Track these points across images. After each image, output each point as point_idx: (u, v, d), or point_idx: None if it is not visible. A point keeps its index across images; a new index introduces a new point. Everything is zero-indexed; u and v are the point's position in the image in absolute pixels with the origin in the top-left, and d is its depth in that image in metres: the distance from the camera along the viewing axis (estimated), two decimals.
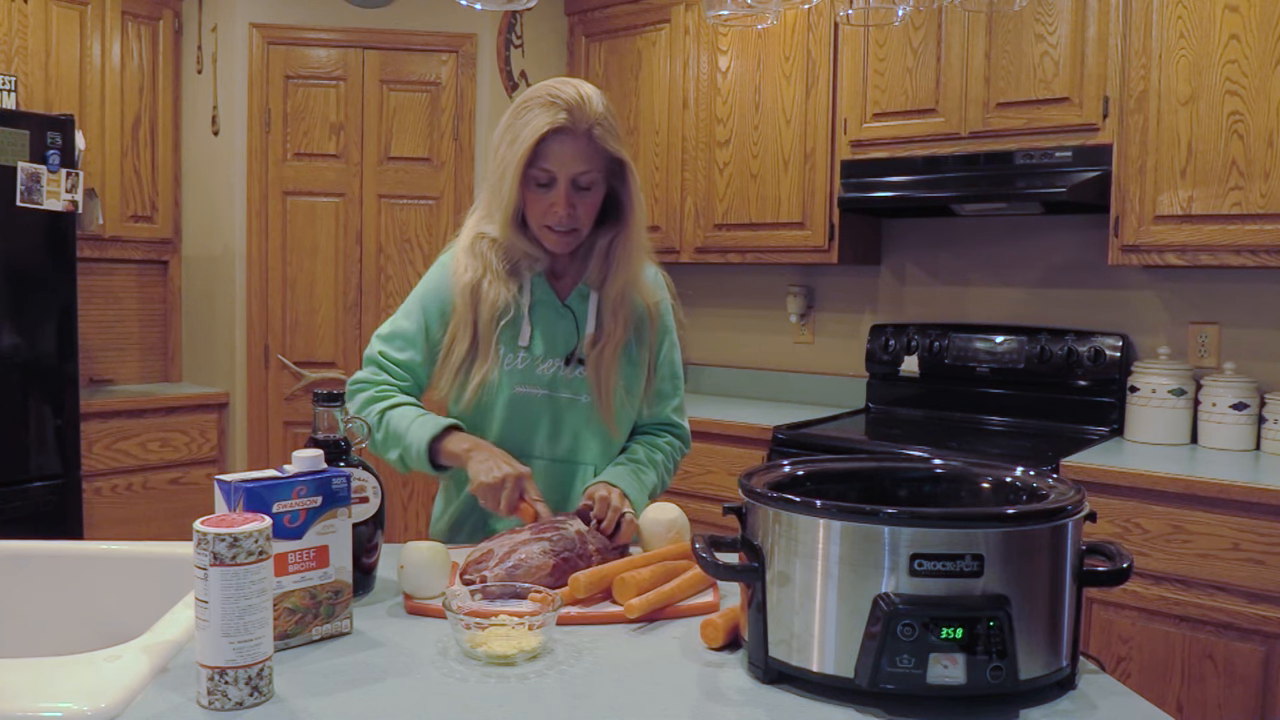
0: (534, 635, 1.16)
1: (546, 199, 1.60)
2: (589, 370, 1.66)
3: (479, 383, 1.64)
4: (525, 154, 1.56)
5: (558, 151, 1.57)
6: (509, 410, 1.66)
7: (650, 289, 1.73)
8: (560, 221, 1.60)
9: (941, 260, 3.41)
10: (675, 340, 1.80)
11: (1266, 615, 2.27)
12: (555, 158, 1.57)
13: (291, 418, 3.81)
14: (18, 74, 3.39)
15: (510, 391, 1.66)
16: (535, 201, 1.61)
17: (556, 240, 1.63)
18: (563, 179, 1.58)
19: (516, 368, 1.66)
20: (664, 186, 3.68)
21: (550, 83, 1.61)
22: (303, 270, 3.79)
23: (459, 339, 1.65)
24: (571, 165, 1.58)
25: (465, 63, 3.81)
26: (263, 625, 1.02)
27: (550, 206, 1.60)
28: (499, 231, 1.65)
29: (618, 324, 1.67)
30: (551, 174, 1.58)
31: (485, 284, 1.65)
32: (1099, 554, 1.13)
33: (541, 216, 1.62)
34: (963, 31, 2.95)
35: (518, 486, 1.53)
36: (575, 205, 1.60)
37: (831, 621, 1.04)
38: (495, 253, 1.66)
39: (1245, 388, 2.71)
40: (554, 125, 1.55)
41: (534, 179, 1.59)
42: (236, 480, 1.14)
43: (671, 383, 1.80)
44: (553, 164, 1.58)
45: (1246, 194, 2.53)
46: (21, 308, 3.12)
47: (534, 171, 1.58)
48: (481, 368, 1.64)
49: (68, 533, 3.21)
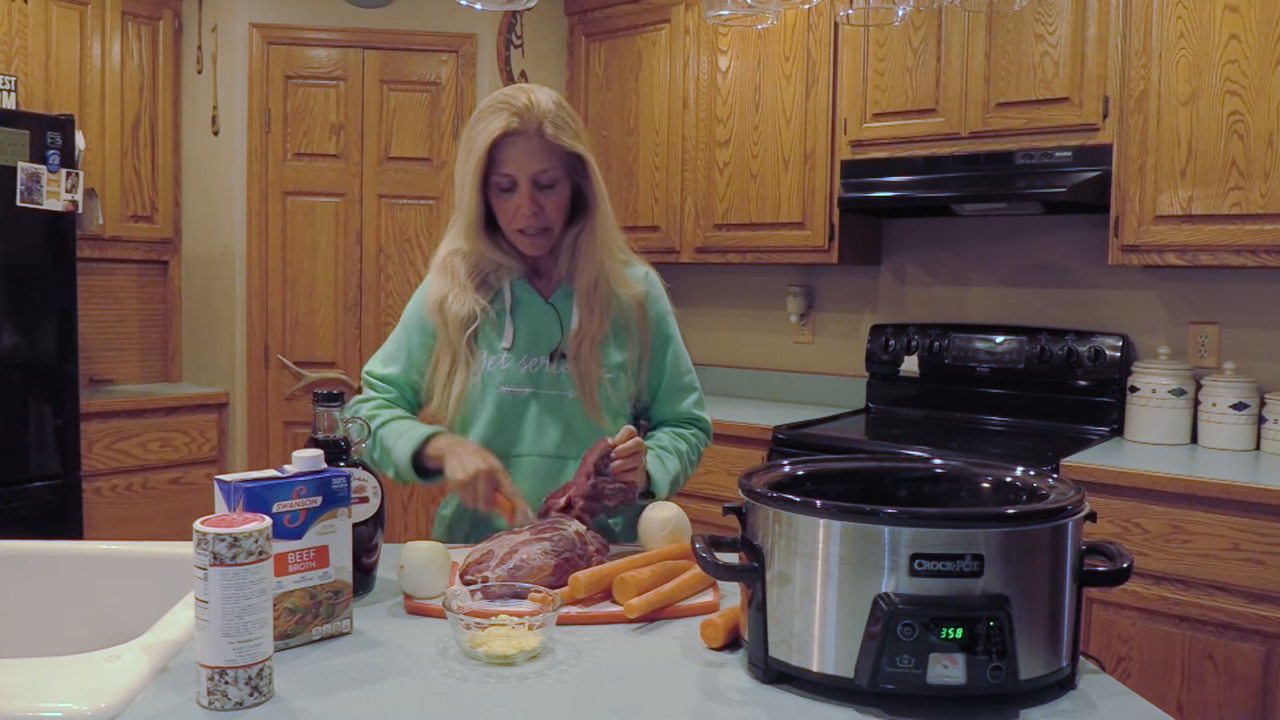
0: (534, 635, 1.16)
1: (511, 203, 1.62)
2: (570, 364, 1.68)
3: (459, 392, 1.68)
4: (480, 161, 1.59)
5: (513, 154, 1.59)
6: (495, 411, 1.68)
7: (628, 280, 1.74)
8: (528, 223, 1.62)
9: (941, 260, 3.41)
10: (677, 336, 1.81)
11: (1266, 615, 2.27)
12: (512, 161, 1.60)
13: (291, 418, 3.81)
14: (18, 74, 3.39)
15: (495, 392, 1.68)
16: (502, 208, 1.64)
17: (529, 243, 1.66)
18: (523, 181, 1.61)
19: (500, 368, 1.68)
20: (664, 186, 3.68)
21: (503, 90, 1.65)
22: (303, 270, 3.79)
23: (441, 355, 1.70)
24: (528, 165, 1.60)
25: (465, 63, 3.81)
26: (263, 625, 1.02)
27: (516, 210, 1.62)
28: (465, 242, 1.68)
29: (593, 317, 1.68)
30: (511, 177, 1.61)
31: (450, 298, 1.68)
32: (1099, 554, 1.13)
33: (510, 221, 1.64)
34: (963, 31, 2.95)
35: (490, 481, 1.55)
36: (541, 205, 1.62)
37: (831, 621, 1.04)
38: (464, 265, 1.69)
39: (1245, 388, 2.71)
40: (505, 129, 1.58)
41: (496, 185, 1.62)
42: (236, 480, 1.14)
43: (688, 377, 1.82)
44: (510, 168, 1.60)
45: (1246, 194, 2.53)
46: (21, 308, 3.12)
47: (495, 178, 1.61)
48: (461, 378, 1.68)
49: (68, 533, 3.21)
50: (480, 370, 1.68)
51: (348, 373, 3.82)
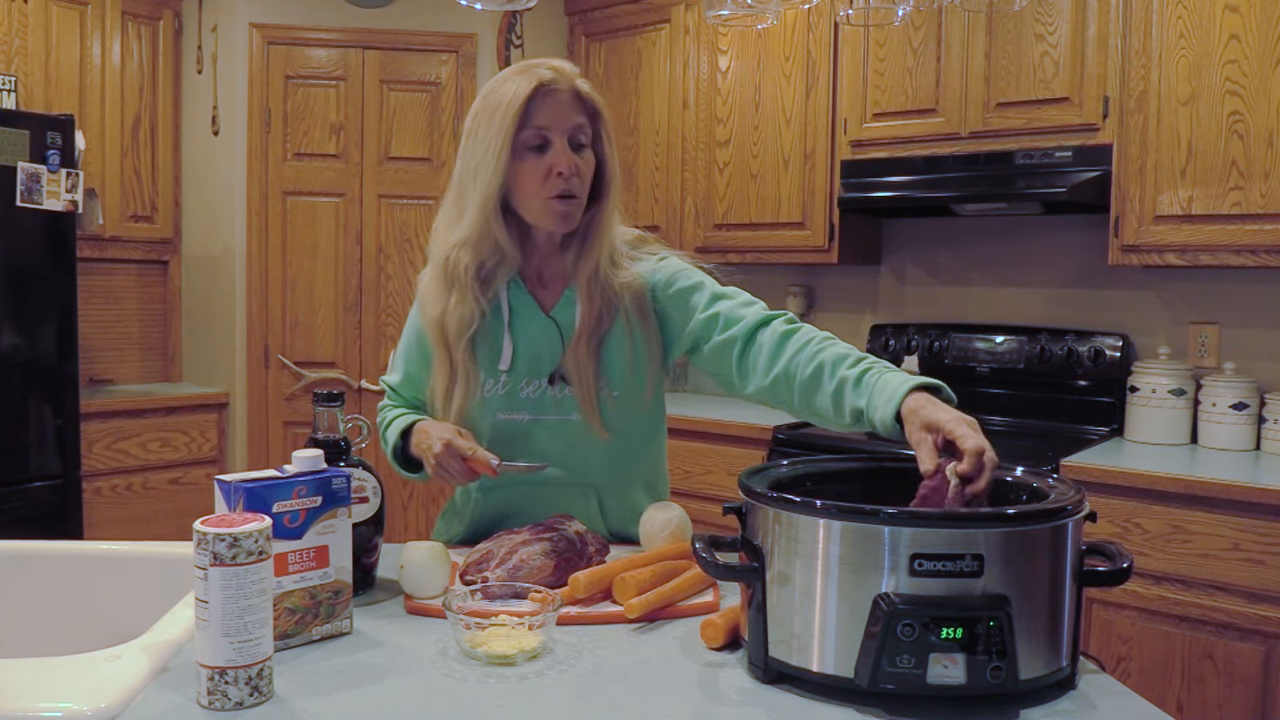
0: (534, 635, 1.16)
1: (544, 163, 1.48)
2: (569, 365, 1.54)
3: (457, 408, 1.56)
4: (515, 117, 1.45)
5: (548, 108, 1.47)
6: (494, 441, 1.57)
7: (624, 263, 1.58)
8: (564, 184, 1.47)
9: (941, 260, 3.41)
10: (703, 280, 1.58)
11: (1266, 615, 2.27)
12: (547, 114, 1.47)
13: (291, 418, 3.82)
14: (18, 74, 3.39)
15: (493, 420, 1.57)
16: (530, 173, 1.48)
17: (563, 210, 1.49)
18: (558, 137, 1.48)
19: (498, 394, 1.57)
20: (664, 186, 3.68)
21: (516, 64, 1.56)
22: (303, 270, 3.79)
23: (439, 371, 1.59)
24: (565, 119, 1.48)
25: (465, 63, 3.81)
26: (263, 625, 1.02)
27: (550, 171, 1.48)
28: (476, 223, 1.51)
29: (592, 311, 1.53)
30: (544, 135, 1.47)
31: (451, 304, 1.54)
32: (1099, 554, 1.13)
33: (539, 188, 1.49)
34: (963, 31, 2.95)
35: (454, 456, 1.47)
36: (577, 166, 1.49)
37: (831, 621, 1.04)
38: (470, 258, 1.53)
39: (1245, 388, 2.71)
40: (540, 82, 1.46)
41: (524, 144, 1.48)
42: (236, 480, 1.14)
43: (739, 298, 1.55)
44: (544, 121, 1.47)
45: (1246, 194, 2.53)
46: (21, 308, 3.12)
47: (524, 136, 1.47)
48: (461, 394, 1.56)
49: (68, 533, 3.21)
50: (479, 393, 1.57)
51: (348, 373, 3.83)
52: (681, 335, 1.57)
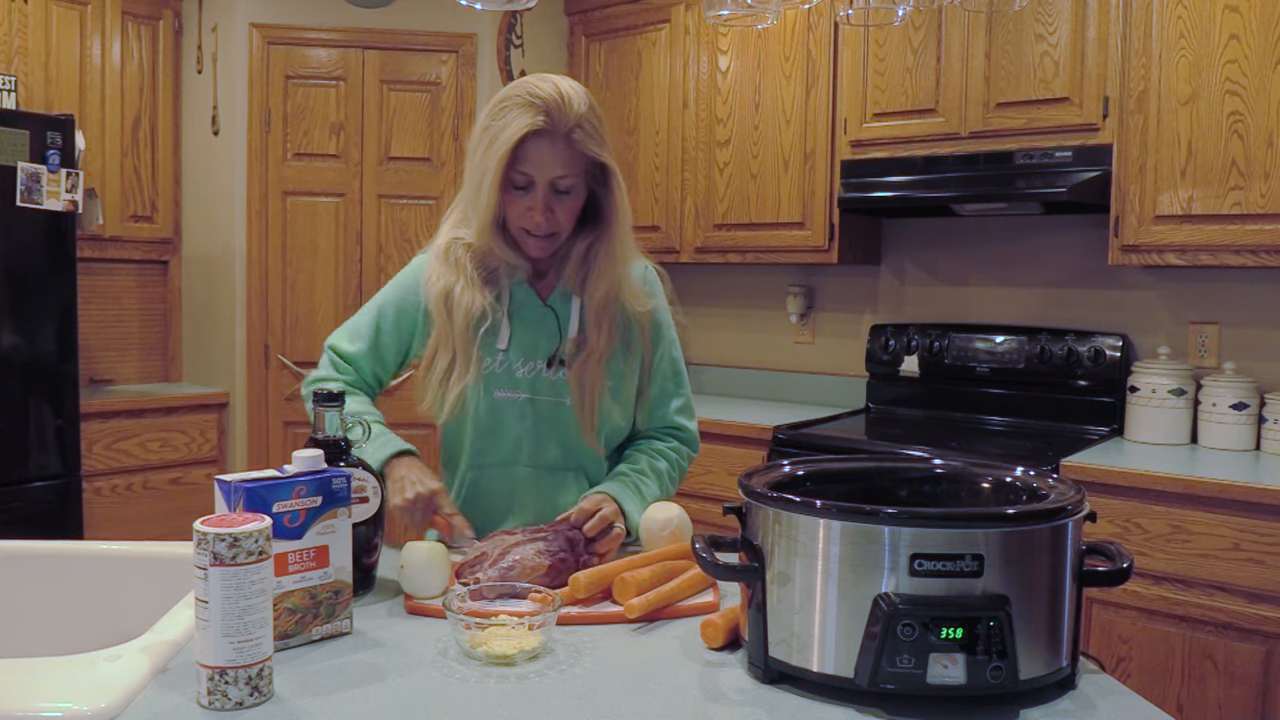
0: (534, 635, 1.16)
1: (524, 202, 1.55)
2: (571, 377, 1.61)
3: (458, 394, 1.59)
4: (504, 158, 1.51)
5: (535, 154, 1.52)
6: (489, 416, 1.62)
7: (640, 295, 1.66)
8: (537, 226, 1.56)
9: (941, 260, 3.41)
10: (675, 338, 1.75)
11: (1266, 615, 2.27)
12: (533, 161, 1.52)
13: (291, 418, 3.81)
14: (18, 74, 3.39)
15: (489, 397, 1.61)
16: (512, 204, 1.56)
17: (535, 245, 1.59)
18: (541, 183, 1.54)
19: (495, 371, 1.61)
20: (664, 186, 3.68)
21: (530, 79, 1.55)
22: (303, 270, 3.79)
23: (440, 351, 1.61)
24: (550, 169, 1.53)
25: (465, 63, 3.81)
26: (263, 625, 1.02)
27: (527, 210, 1.55)
28: (476, 237, 1.60)
29: (601, 333, 1.61)
30: (529, 177, 1.53)
31: (458, 290, 1.59)
32: (1099, 554, 1.13)
33: (518, 219, 1.57)
34: (963, 31, 2.95)
35: (429, 505, 1.51)
36: (554, 209, 1.55)
37: (831, 621, 1.04)
38: (471, 259, 1.61)
39: (1245, 388, 2.71)
40: (533, 128, 1.50)
41: (511, 181, 1.54)
42: (236, 480, 1.14)
43: (674, 380, 1.74)
44: (530, 167, 1.53)
45: (1246, 194, 2.53)
46: (21, 308, 3.11)
47: (512, 174, 1.54)
48: (461, 378, 1.59)
49: (68, 533, 3.21)
50: (478, 374, 1.61)
51: None
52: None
